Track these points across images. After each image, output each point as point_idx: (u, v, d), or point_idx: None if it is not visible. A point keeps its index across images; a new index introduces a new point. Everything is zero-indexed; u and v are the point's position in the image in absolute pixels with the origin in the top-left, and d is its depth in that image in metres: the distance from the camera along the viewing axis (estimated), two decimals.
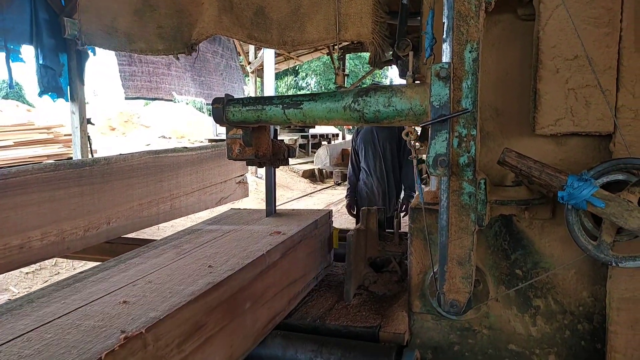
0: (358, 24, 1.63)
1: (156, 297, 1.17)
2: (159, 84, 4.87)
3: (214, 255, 1.54)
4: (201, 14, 1.76)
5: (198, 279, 1.29)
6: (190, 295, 1.16)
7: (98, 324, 1.03)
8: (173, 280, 1.29)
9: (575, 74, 1.36)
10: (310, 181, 12.10)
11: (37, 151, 8.81)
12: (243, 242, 1.68)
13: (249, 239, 1.72)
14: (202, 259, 1.49)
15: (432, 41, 1.36)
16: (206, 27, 1.75)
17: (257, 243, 1.65)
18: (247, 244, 1.64)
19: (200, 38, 1.78)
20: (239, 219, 2.21)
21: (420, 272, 1.62)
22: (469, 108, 1.22)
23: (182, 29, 1.83)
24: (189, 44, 1.81)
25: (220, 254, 1.55)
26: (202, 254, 1.55)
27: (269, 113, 1.52)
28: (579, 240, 1.22)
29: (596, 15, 1.32)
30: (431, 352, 1.65)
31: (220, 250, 1.59)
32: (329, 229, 2.20)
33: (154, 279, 1.31)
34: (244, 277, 1.39)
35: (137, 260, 1.55)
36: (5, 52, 4.60)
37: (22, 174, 2.17)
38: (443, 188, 1.30)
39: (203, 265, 1.42)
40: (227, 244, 1.67)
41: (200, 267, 1.41)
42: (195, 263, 1.45)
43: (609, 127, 1.35)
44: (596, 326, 1.49)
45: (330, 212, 2.22)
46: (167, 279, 1.32)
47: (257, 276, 1.48)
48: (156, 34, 1.84)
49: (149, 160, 3.08)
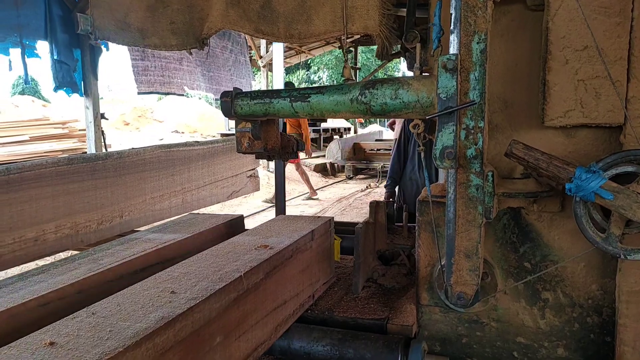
0: (365, 17, 1.62)
1: (90, 337, 0.95)
2: (171, 79, 4.90)
3: (182, 276, 1.30)
4: (210, 8, 1.77)
5: (151, 312, 1.06)
6: (133, 338, 0.93)
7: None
8: (121, 312, 1.07)
9: (585, 65, 1.34)
10: (322, 175, 12.10)
11: (53, 146, 8.94)
12: (220, 259, 1.44)
13: (228, 255, 1.49)
14: (166, 282, 1.26)
15: (440, 33, 1.35)
16: (215, 22, 1.76)
17: (236, 261, 1.41)
18: (225, 262, 1.42)
19: (210, 32, 1.79)
20: (189, 225, 2.01)
21: (428, 265, 1.62)
22: (477, 100, 1.21)
23: (193, 24, 1.84)
24: (201, 38, 1.82)
25: (189, 274, 1.31)
26: (168, 275, 1.32)
27: (277, 106, 1.53)
28: (587, 233, 1.21)
29: (607, 4, 1.30)
30: (439, 344, 1.66)
31: (190, 270, 1.35)
32: (329, 238, 1.98)
33: (99, 310, 1.08)
34: (212, 306, 1.15)
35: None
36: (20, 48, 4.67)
37: (37, 168, 2.21)
38: (450, 180, 1.30)
39: (165, 291, 1.18)
40: (200, 262, 1.43)
41: (161, 293, 1.17)
42: (157, 287, 1.22)
43: (620, 119, 1.33)
44: (605, 319, 1.48)
45: (330, 219, 2.00)
46: (115, 310, 1.08)
47: (232, 303, 1.24)
48: (169, 29, 1.86)
49: (161, 154, 3.12)
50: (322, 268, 1.89)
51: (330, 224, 1.99)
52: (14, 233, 2.12)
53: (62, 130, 9.78)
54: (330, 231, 2.00)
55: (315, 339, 1.55)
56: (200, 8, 1.81)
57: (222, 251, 1.55)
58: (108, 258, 1.55)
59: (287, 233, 1.73)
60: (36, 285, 1.31)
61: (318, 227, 1.85)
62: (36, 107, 16.36)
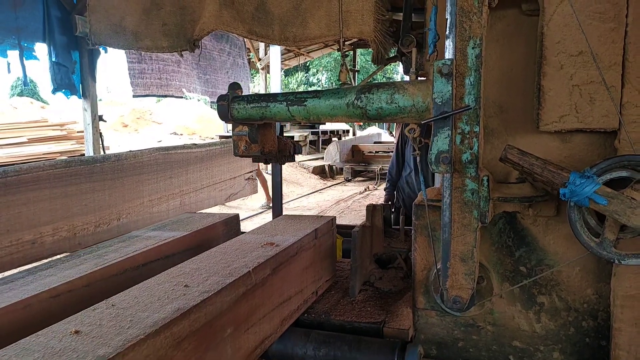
0: (360, 22, 1.63)
1: (113, 326, 1.01)
2: (169, 81, 4.90)
3: (194, 271, 1.37)
4: (203, 9, 1.78)
5: (167, 304, 1.12)
6: (152, 327, 1.00)
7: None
8: (139, 304, 1.13)
9: (580, 70, 1.35)
10: (321, 177, 12.10)
11: (51, 148, 8.93)
12: (229, 256, 1.50)
13: (236, 252, 1.55)
14: (179, 277, 1.33)
15: (435, 38, 1.36)
16: (207, 23, 1.76)
17: (244, 257, 1.48)
18: (233, 258, 1.48)
19: (202, 34, 1.79)
20: (187, 224, 2.07)
21: (425, 269, 1.63)
22: (472, 105, 1.22)
23: (185, 26, 1.84)
24: (192, 40, 1.82)
25: (200, 270, 1.38)
26: (180, 271, 1.38)
27: (273, 110, 1.53)
28: (582, 238, 1.21)
29: (601, 10, 1.31)
30: (435, 347, 1.66)
31: (201, 266, 1.42)
32: (331, 237, 2.02)
33: (117, 302, 1.15)
34: (223, 299, 1.22)
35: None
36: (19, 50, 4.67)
37: (35, 171, 2.22)
38: (446, 185, 1.30)
39: (178, 285, 1.26)
40: (210, 258, 1.50)
41: (175, 287, 1.24)
42: (170, 282, 1.29)
43: (614, 124, 1.34)
44: (601, 323, 1.48)
45: (333, 219, 2.05)
46: (132, 302, 1.15)
47: (241, 297, 1.30)
48: (161, 31, 1.86)
49: (159, 156, 3.12)
50: (324, 266, 1.94)
51: (333, 224, 2.05)
52: (11, 236, 2.12)
53: (61, 132, 9.77)
54: (333, 230, 2.05)
55: (310, 343, 1.55)
56: (193, 10, 1.81)
57: (230, 248, 1.61)
58: (112, 254, 1.63)
59: (292, 232, 1.80)
60: (46, 278, 1.39)
61: (321, 226, 1.91)
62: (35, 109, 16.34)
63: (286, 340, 1.57)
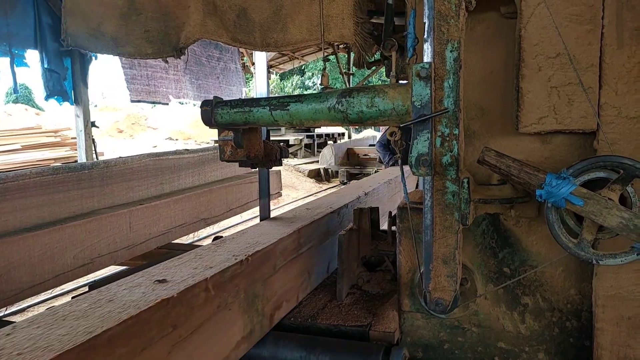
0: (340, 25, 1.64)
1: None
2: (156, 88, 4.91)
3: (266, 232, 1.77)
4: (188, 17, 1.78)
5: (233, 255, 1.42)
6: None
7: None
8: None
9: (558, 72, 1.36)
10: (316, 181, 12.11)
11: (45, 154, 8.91)
12: (277, 229, 1.81)
13: (277, 228, 1.83)
14: (252, 238, 1.67)
15: (415, 41, 1.37)
16: (192, 32, 1.77)
17: (288, 227, 1.81)
18: (276, 231, 1.79)
19: (189, 42, 1.80)
20: None
21: (409, 271, 1.63)
22: (451, 107, 1.22)
23: (169, 33, 1.85)
24: (178, 47, 1.83)
25: (266, 233, 1.76)
26: (253, 233, 1.78)
27: (257, 115, 1.54)
28: (559, 238, 1.22)
29: (577, 12, 1.32)
30: (422, 350, 1.66)
31: (266, 231, 1.81)
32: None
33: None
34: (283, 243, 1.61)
35: None
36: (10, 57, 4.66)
37: (21, 178, 2.21)
38: (427, 187, 1.31)
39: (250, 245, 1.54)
40: (267, 227, 1.86)
41: (249, 242, 1.56)
42: (240, 245, 1.56)
43: (592, 125, 1.34)
44: (584, 323, 1.49)
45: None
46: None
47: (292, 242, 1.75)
48: (144, 37, 1.86)
49: (150, 163, 3.12)
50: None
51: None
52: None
53: (55, 139, 9.77)
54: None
55: (294, 347, 1.55)
56: (176, 16, 1.81)
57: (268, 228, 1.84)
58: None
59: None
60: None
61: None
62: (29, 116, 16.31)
63: (268, 345, 1.57)
